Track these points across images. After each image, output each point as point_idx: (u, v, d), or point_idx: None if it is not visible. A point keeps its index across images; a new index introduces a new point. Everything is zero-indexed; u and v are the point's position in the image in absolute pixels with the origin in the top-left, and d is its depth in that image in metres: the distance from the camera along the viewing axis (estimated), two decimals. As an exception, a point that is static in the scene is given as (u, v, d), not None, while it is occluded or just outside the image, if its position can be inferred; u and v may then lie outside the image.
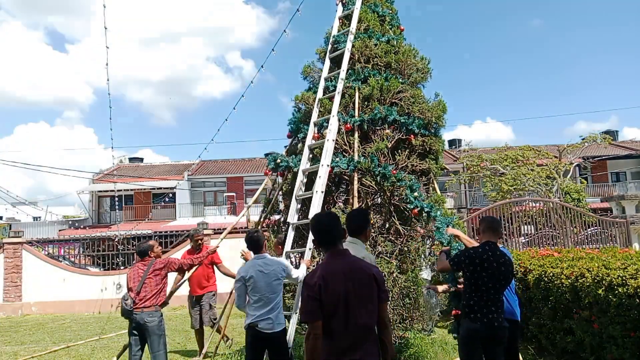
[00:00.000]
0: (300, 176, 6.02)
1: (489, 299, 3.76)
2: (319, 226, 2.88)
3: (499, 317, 3.77)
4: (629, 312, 4.49)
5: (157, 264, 5.24)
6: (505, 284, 3.82)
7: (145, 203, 32.10)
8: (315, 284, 2.62)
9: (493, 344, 3.80)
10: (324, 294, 2.59)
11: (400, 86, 6.38)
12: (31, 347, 8.23)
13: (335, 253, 2.79)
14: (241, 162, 34.61)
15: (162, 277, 5.24)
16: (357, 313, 2.61)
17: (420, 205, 5.49)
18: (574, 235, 12.07)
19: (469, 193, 29.69)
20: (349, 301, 2.61)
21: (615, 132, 36.36)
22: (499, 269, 3.75)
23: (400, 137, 6.19)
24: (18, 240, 14.43)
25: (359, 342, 2.61)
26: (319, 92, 6.52)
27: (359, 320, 2.61)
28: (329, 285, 2.61)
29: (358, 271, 2.71)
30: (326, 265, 2.74)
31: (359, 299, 2.63)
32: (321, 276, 2.65)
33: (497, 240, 3.93)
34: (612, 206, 19.12)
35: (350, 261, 2.77)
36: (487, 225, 3.98)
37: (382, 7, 7.14)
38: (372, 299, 2.68)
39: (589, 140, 24.15)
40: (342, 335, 2.59)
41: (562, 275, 5.56)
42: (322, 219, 2.94)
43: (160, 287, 5.19)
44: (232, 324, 9.67)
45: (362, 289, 2.65)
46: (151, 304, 5.06)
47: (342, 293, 2.61)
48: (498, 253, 3.81)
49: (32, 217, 35.91)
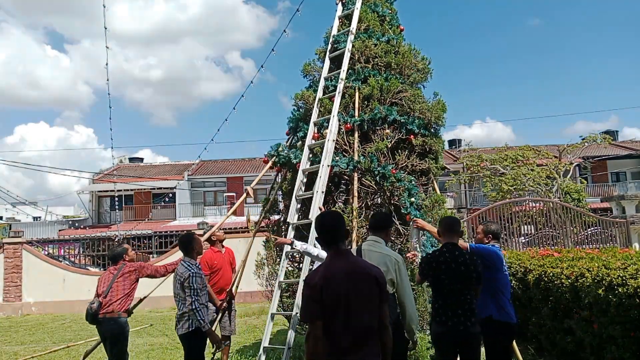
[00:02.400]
0: (300, 176, 6.03)
1: (453, 301, 3.71)
2: (323, 225, 2.87)
3: (467, 320, 3.68)
4: (629, 312, 4.48)
5: (126, 268, 5.02)
6: (469, 283, 3.75)
7: (145, 203, 32.09)
8: (316, 285, 2.60)
9: (466, 348, 3.75)
10: (325, 295, 2.57)
11: (400, 86, 6.39)
12: (31, 347, 8.24)
13: (338, 253, 2.77)
14: (241, 162, 34.61)
15: (131, 281, 4.99)
16: (358, 313, 2.60)
17: (414, 214, 5.52)
18: (574, 235, 12.06)
19: (469, 193, 29.69)
20: (350, 301, 2.59)
21: (615, 132, 36.35)
22: (458, 269, 3.71)
23: (400, 137, 6.19)
24: (18, 240, 14.44)
25: (360, 342, 2.60)
26: (319, 92, 6.52)
27: (360, 320, 2.60)
28: (330, 285, 2.59)
29: (360, 271, 2.69)
30: (328, 265, 2.72)
31: (360, 300, 2.61)
32: (323, 276, 2.63)
33: (457, 240, 3.91)
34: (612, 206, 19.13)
35: (352, 261, 2.76)
36: (445, 227, 3.96)
37: (382, 7, 7.14)
38: (373, 300, 2.66)
39: (589, 140, 24.15)
40: (343, 336, 2.57)
41: (562, 275, 5.56)
42: (326, 218, 2.93)
43: (128, 292, 4.95)
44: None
45: (363, 290, 2.64)
46: (115, 309, 4.81)
47: (343, 293, 2.59)
48: (457, 253, 3.78)
49: (32, 217, 35.93)
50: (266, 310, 6.89)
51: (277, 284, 5.54)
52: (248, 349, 7.11)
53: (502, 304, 4.18)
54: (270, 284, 6.43)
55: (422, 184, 6.20)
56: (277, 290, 5.51)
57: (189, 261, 4.44)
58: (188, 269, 4.33)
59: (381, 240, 3.60)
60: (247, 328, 9.45)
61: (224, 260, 6.10)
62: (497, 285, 4.20)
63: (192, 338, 4.32)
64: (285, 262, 5.69)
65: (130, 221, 29.21)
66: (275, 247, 6.49)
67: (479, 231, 4.65)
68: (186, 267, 4.37)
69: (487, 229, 4.56)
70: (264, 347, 5.20)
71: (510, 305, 4.25)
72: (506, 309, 4.18)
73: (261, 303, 11.36)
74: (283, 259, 5.64)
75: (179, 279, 4.33)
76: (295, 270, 6.21)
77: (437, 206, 5.89)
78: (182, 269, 4.39)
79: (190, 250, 4.52)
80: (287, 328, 5.10)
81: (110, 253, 5.34)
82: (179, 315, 4.37)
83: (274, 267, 6.26)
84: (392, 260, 3.62)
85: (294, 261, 6.34)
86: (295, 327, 5.16)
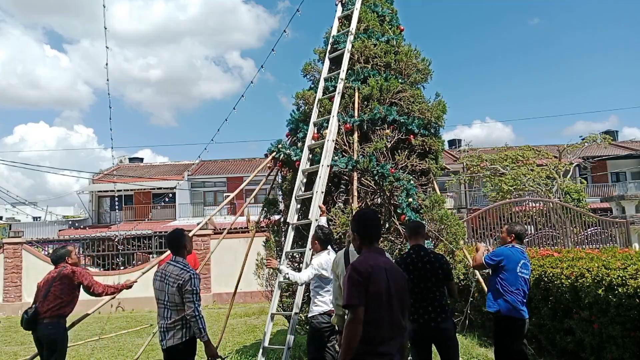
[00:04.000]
0: (300, 176, 6.03)
1: (424, 299, 3.99)
2: (367, 221, 2.94)
3: (437, 316, 3.93)
4: (629, 312, 4.49)
5: (65, 271, 4.72)
6: (437, 281, 4.00)
7: (145, 203, 32.08)
8: (365, 271, 2.63)
9: (441, 345, 4.01)
10: (372, 283, 2.60)
11: (400, 86, 6.38)
12: (31, 347, 8.20)
13: (375, 249, 2.86)
14: (241, 162, 34.59)
15: (69, 286, 4.69)
16: (397, 307, 2.68)
17: (409, 216, 5.54)
18: (574, 235, 12.07)
19: (469, 193, 29.68)
20: (392, 295, 2.66)
21: (615, 132, 36.33)
22: (424, 268, 4.00)
23: (400, 137, 6.19)
24: (18, 240, 14.44)
25: (396, 335, 2.67)
26: (319, 92, 6.52)
27: (398, 314, 2.69)
28: (375, 274, 2.64)
29: (397, 271, 2.83)
30: (370, 257, 2.77)
31: (398, 295, 2.70)
32: (371, 265, 2.68)
33: (423, 242, 4.24)
34: (612, 206, 19.15)
35: (389, 261, 2.90)
36: (411, 231, 4.28)
37: (382, 7, 7.14)
38: (407, 300, 2.81)
39: (588, 140, 24.15)
40: (385, 326, 2.62)
41: (562, 275, 5.56)
42: (370, 216, 3.01)
43: (66, 297, 4.64)
44: (232, 324, 9.68)
45: (400, 289, 2.74)
46: (53, 314, 4.55)
47: (386, 286, 2.65)
48: (422, 254, 4.08)
49: (32, 217, 35.96)
50: (266, 311, 6.89)
51: (277, 284, 5.54)
52: (248, 349, 7.11)
53: (511, 300, 4.49)
54: (270, 284, 6.44)
55: (422, 184, 6.20)
56: (277, 291, 5.51)
57: (183, 261, 3.86)
58: (186, 270, 3.75)
59: None
60: (247, 328, 9.45)
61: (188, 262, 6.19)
62: (506, 284, 4.55)
63: (185, 350, 3.74)
64: (285, 262, 5.69)
65: (130, 221, 29.19)
66: (275, 247, 6.50)
67: (503, 230, 5.01)
68: (182, 267, 3.78)
69: (510, 229, 4.89)
70: (263, 347, 5.20)
71: (521, 303, 4.55)
72: (515, 305, 4.49)
73: (261, 303, 11.37)
74: (283, 259, 5.64)
75: (174, 282, 3.71)
76: (295, 271, 6.21)
77: (437, 206, 5.89)
78: (176, 270, 3.77)
79: (182, 248, 3.93)
80: (287, 328, 5.10)
81: (52, 255, 5.00)
82: (168, 325, 3.72)
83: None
84: None
85: (294, 261, 6.33)
86: (294, 328, 5.16)
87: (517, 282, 4.56)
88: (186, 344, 3.73)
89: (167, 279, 3.78)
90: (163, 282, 3.79)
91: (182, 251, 3.93)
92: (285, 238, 6.06)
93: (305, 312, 5.73)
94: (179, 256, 3.91)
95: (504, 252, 4.68)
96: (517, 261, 4.60)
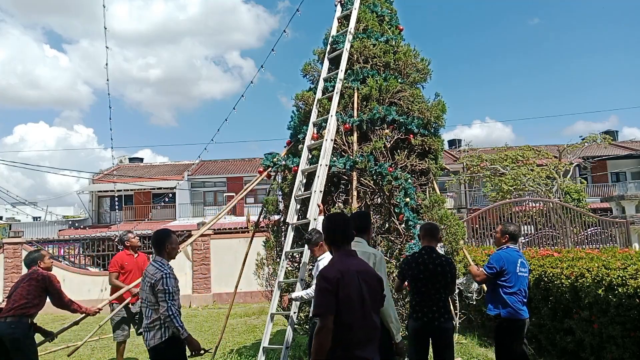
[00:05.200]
0: (299, 176, 6.02)
1: (429, 299, 4.07)
2: (334, 225, 2.92)
3: (441, 316, 4.05)
4: (629, 312, 4.48)
5: (34, 274, 4.70)
6: (445, 283, 4.11)
7: (145, 203, 32.09)
8: (334, 278, 2.64)
9: (438, 341, 4.10)
10: (341, 289, 2.61)
11: (399, 86, 6.38)
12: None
13: (347, 253, 2.85)
14: (241, 162, 34.61)
15: (37, 289, 4.63)
16: (370, 310, 2.71)
17: (407, 215, 5.54)
18: (574, 235, 12.07)
19: (469, 193, 29.68)
20: (364, 298, 2.68)
21: (615, 132, 36.33)
22: (435, 270, 4.08)
23: (400, 136, 6.18)
24: (18, 240, 14.43)
25: (371, 338, 2.71)
26: (318, 93, 6.51)
27: (372, 317, 2.72)
28: (345, 280, 2.64)
29: (369, 273, 2.82)
30: (340, 262, 2.78)
31: (371, 297, 2.72)
32: (339, 271, 2.68)
33: (436, 244, 4.32)
34: (612, 206, 19.14)
35: (362, 262, 2.88)
36: (425, 232, 4.36)
37: (381, 7, 7.13)
38: (379, 300, 2.82)
39: (588, 140, 24.15)
40: (359, 330, 2.65)
41: (562, 276, 5.56)
42: (337, 219, 2.99)
43: (32, 299, 4.58)
44: (232, 324, 9.67)
45: (373, 290, 2.75)
46: (15, 313, 4.47)
47: (358, 289, 2.66)
48: (434, 256, 4.16)
49: (32, 217, 35.98)
50: (266, 311, 6.88)
51: (276, 284, 5.53)
52: (248, 349, 7.11)
53: (511, 302, 4.49)
54: (270, 284, 6.43)
55: (422, 184, 6.19)
56: (276, 291, 5.50)
57: (161, 261, 3.84)
58: (160, 270, 3.73)
59: (362, 240, 3.71)
60: (247, 328, 9.44)
61: (135, 264, 6.35)
62: (506, 285, 4.54)
63: (167, 348, 3.74)
64: (285, 262, 5.68)
65: (130, 221, 29.20)
66: (275, 247, 6.50)
67: (497, 230, 4.97)
68: (157, 267, 3.77)
69: (504, 229, 4.85)
70: (263, 347, 5.20)
71: (522, 303, 4.55)
72: (515, 306, 4.49)
73: (261, 303, 11.36)
74: (283, 259, 5.64)
75: (149, 281, 3.73)
76: (295, 271, 6.20)
77: (436, 206, 5.89)
78: (152, 269, 3.78)
79: (162, 249, 3.88)
80: (286, 328, 5.10)
81: (25, 258, 4.96)
82: (148, 325, 3.75)
83: (274, 266, 6.26)
84: (372, 257, 3.69)
85: (294, 261, 6.33)
86: (293, 327, 5.16)
87: (517, 282, 4.54)
88: (167, 343, 3.71)
89: (145, 278, 3.81)
90: (144, 282, 3.83)
91: (162, 251, 3.89)
92: (285, 238, 6.06)
93: (305, 312, 5.73)
94: (159, 255, 3.88)
95: (502, 257, 4.62)
96: (515, 262, 4.57)
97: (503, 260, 4.57)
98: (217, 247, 13.85)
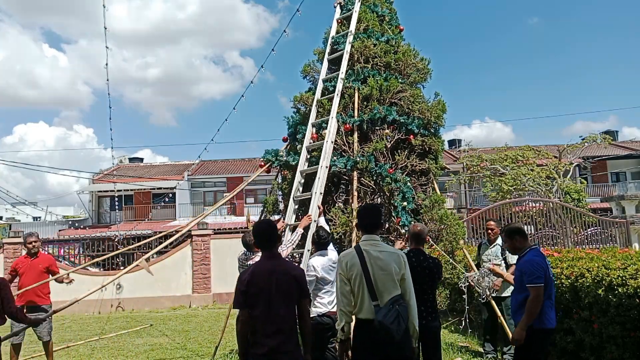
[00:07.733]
0: (297, 177, 6.02)
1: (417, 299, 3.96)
2: (258, 232, 3.38)
3: (428, 316, 4.18)
4: (629, 312, 4.48)
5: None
6: (432, 284, 4.29)
7: (145, 203, 32.09)
8: (244, 279, 3.17)
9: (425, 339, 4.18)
10: (250, 287, 3.13)
11: (400, 86, 6.38)
12: (31, 347, 8.21)
13: (269, 255, 3.29)
14: (241, 162, 34.60)
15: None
16: (277, 305, 3.12)
17: (403, 221, 5.55)
18: (574, 235, 12.07)
19: (469, 193, 29.68)
20: (272, 295, 3.12)
21: (615, 132, 36.33)
22: (423, 272, 4.19)
23: (400, 137, 6.18)
24: (18, 241, 14.42)
25: (280, 330, 3.11)
26: (317, 93, 6.51)
27: (278, 311, 3.12)
28: (254, 280, 3.15)
29: (282, 271, 3.21)
30: (257, 265, 3.29)
31: (279, 294, 3.13)
32: (250, 272, 3.20)
33: (423, 247, 4.49)
34: (612, 206, 19.14)
35: (277, 263, 3.29)
36: (412, 236, 4.51)
37: (381, 7, 7.13)
38: (292, 295, 3.19)
39: (588, 141, 24.13)
40: (265, 323, 3.11)
41: (562, 275, 5.56)
42: (263, 226, 3.43)
43: None
44: (232, 324, 9.67)
45: (282, 286, 3.15)
46: None
47: (265, 288, 3.13)
48: (421, 258, 4.30)
49: (32, 217, 35.96)
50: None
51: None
52: (248, 349, 7.10)
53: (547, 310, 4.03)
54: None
55: (422, 184, 6.20)
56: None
57: None
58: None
59: (378, 238, 3.60)
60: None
61: (29, 266, 6.58)
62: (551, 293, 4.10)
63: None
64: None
65: (130, 221, 29.21)
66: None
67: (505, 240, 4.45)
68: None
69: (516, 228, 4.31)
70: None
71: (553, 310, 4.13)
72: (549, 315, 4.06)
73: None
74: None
75: None
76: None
77: (436, 206, 5.90)
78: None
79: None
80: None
81: None
82: None
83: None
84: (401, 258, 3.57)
85: (294, 261, 6.32)
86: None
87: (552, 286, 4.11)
88: None
89: None
90: None
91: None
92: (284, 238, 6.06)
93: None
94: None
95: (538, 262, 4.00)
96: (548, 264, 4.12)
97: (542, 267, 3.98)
98: (217, 247, 13.85)
